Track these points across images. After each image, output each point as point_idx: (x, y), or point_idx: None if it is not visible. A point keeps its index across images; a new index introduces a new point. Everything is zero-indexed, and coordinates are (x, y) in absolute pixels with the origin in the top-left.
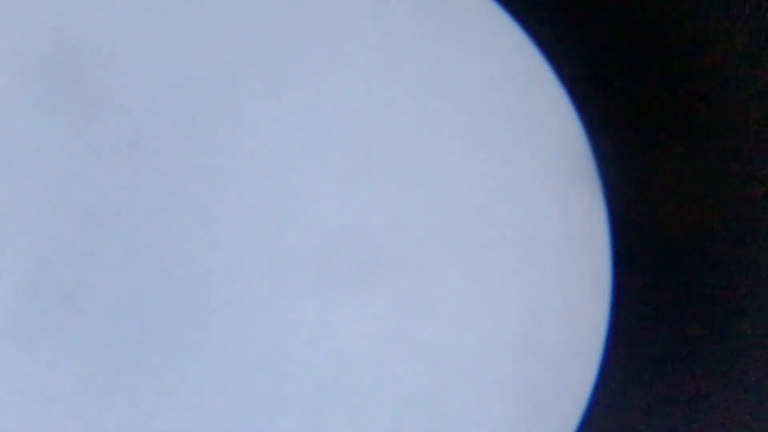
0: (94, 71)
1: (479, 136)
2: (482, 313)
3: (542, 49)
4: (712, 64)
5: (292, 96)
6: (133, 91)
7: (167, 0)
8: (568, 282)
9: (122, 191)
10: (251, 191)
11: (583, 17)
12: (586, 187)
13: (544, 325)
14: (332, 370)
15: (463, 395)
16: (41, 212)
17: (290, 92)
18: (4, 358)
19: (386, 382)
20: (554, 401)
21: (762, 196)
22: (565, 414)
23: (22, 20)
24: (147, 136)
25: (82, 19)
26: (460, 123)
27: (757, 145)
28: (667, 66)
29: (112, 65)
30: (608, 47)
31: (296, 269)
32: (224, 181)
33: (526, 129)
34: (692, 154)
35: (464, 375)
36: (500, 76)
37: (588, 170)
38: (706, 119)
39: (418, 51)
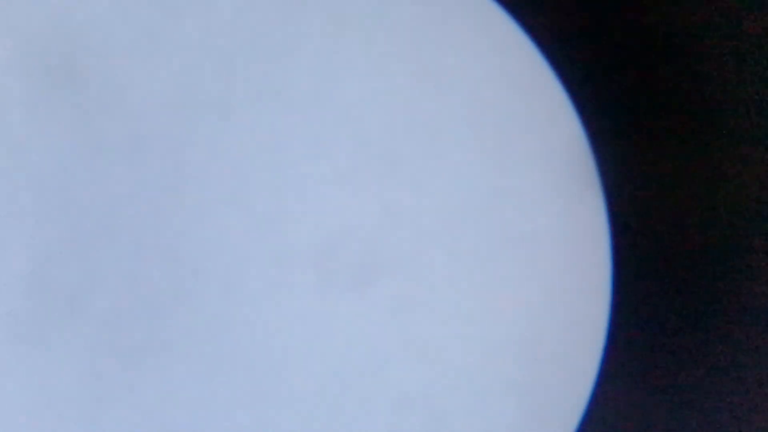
0: (94, 71)
1: (479, 136)
2: (482, 314)
3: (542, 49)
4: (713, 65)
5: (292, 96)
6: (134, 91)
7: (168, 0)
8: (568, 282)
9: (122, 191)
10: (251, 191)
11: (583, 17)
12: (586, 187)
13: (544, 325)
14: (332, 370)
15: (463, 395)
16: (41, 212)
17: (290, 92)
18: (4, 358)
19: (386, 382)
20: (554, 401)
21: (762, 195)
22: (565, 414)
23: (22, 20)
24: (147, 136)
25: (82, 19)
26: (460, 123)
27: (758, 144)
28: (667, 66)
29: (113, 65)
30: (608, 47)
31: (296, 269)
32: (224, 181)
33: (526, 129)
34: (692, 154)
35: (464, 375)
36: (500, 76)
37: (588, 170)
38: (706, 119)
39: (418, 51)
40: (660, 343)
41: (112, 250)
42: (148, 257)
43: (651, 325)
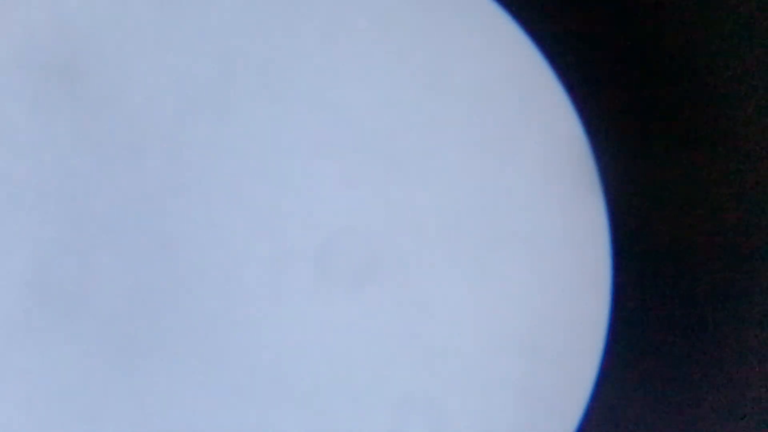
0: (94, 71)
1: (479, 136)
2: (482, 313)
3: (542, 49)
4: (713, 65)
5: (292, 96)
6: (134, 91)
7: (168, 0)
8: (568, 282)
9: (122, 191)
10: (251, 191)
11: (583, 17)
12: (586, 187)
13: (544, 325)
14: (332, 370)
15: (463, 395)
16: (41, 212)
17: (290, 92)
18: (5, 357)
19: (386, 381)
20: (554, 401)
21: (762, 196)
22: (565, 414)
23: (22, 20)
24: (147, 136)
25: (83, 19)
26: (460, 123)
27: (758, 145)
28: (667, 66)
29: (113, 65)
30: (608, 47)
31: (296, 269)
32: (224, 181)
33: (525, 129)
34: (692, 154)
35: (464, 375)
36: (500, 76)
37: (588, 170)
38: (706, 119)
39: (418, 51)
40: (660, 343)
41: (111, 249)
42: (148, 257)
43: (651, 325)
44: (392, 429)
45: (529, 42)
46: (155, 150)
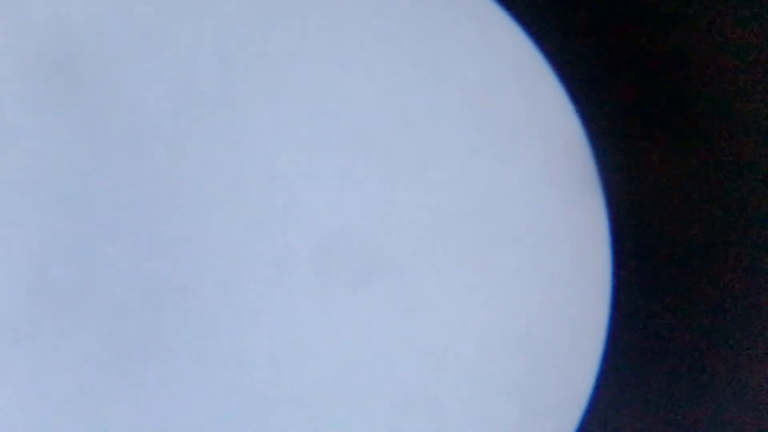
0: (94, 70)
1: (479, 136)
2: (482, 313)
3: (542, 49)
4: (713, 65)
5: (292, 95)
6: (134, 91)
7: (168, 0)
8: (568, 282)
9: (122, 191)
10: (251, 191)
11: (583, 17)
12: (586, 187)
13: (544, 325)
14: (332, 371)
15: (463, 395)
16: (41, 212)
17: (290, 91)
18: (4, 358)
19: (386, 382)
20: (554, 401)
21: (763, 196)
22: (565, 414)
23: (22, 20)
24: (147, 136)
25: (82, 19)
26: (460, 123)
27: (759, 145)
28: (667, 66)
29: (113, 65)
30: (608, 47)
31: (296, 269)
32: (224, 181)
33: (525, 129)
34: (693, 154)
35: (464, 375)
36: (500, 76)
37: (588, 170)
38: (707, 119)
39: (417, 51)
40: (660, 343)
41: (111, 249)
42: (148, 257)
43: (651, 325)
44: (392, 429)
45: (529, 42)
46: (155, 150)
